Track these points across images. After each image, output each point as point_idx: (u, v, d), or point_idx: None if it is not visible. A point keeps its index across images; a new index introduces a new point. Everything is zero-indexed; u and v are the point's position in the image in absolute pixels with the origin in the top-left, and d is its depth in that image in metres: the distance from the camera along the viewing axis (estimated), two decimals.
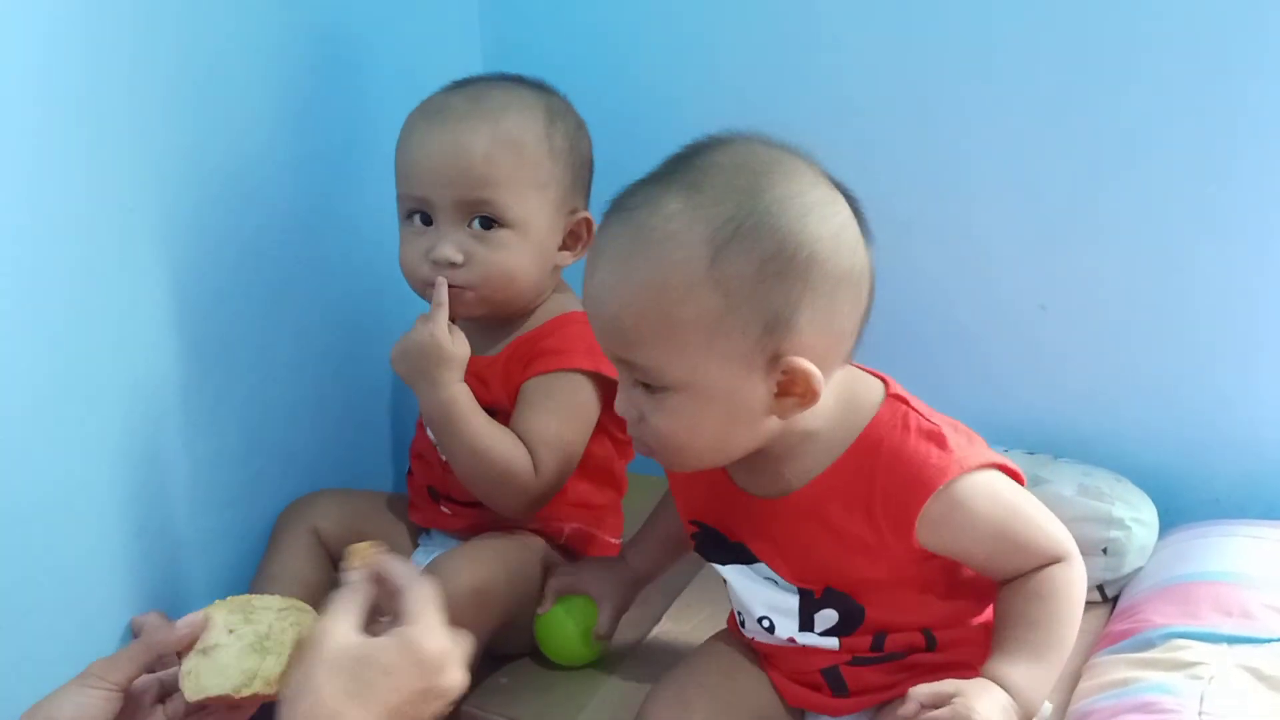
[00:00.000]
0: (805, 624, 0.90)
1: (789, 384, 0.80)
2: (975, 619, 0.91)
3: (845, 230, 0.81)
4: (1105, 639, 1.03)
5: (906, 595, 0.88)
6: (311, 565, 1.15)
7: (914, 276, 1.25)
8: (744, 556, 0.92)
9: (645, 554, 1.10)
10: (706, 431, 0.82)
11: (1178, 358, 1.21)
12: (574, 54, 1.37)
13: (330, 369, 1.27)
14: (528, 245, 1.07)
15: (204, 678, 0.83)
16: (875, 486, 0.84)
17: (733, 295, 0.78)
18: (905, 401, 0.87)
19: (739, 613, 0.96)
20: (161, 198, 1.04)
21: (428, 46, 1.33)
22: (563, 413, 1.08)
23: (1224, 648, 0.95)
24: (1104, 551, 1.12)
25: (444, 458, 1.14)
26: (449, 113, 1.06)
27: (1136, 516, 1.14)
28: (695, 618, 1.16)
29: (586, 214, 1.12)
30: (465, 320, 1.09)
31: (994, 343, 1.27)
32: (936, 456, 0.83)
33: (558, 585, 1.09)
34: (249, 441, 1.18)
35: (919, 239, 1.24)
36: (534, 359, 1.09)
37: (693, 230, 0.78)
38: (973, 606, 0.91)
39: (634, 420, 0.84)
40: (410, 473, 1.22)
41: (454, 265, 1.05)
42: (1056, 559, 0.86)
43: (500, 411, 1.09)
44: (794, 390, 0.81)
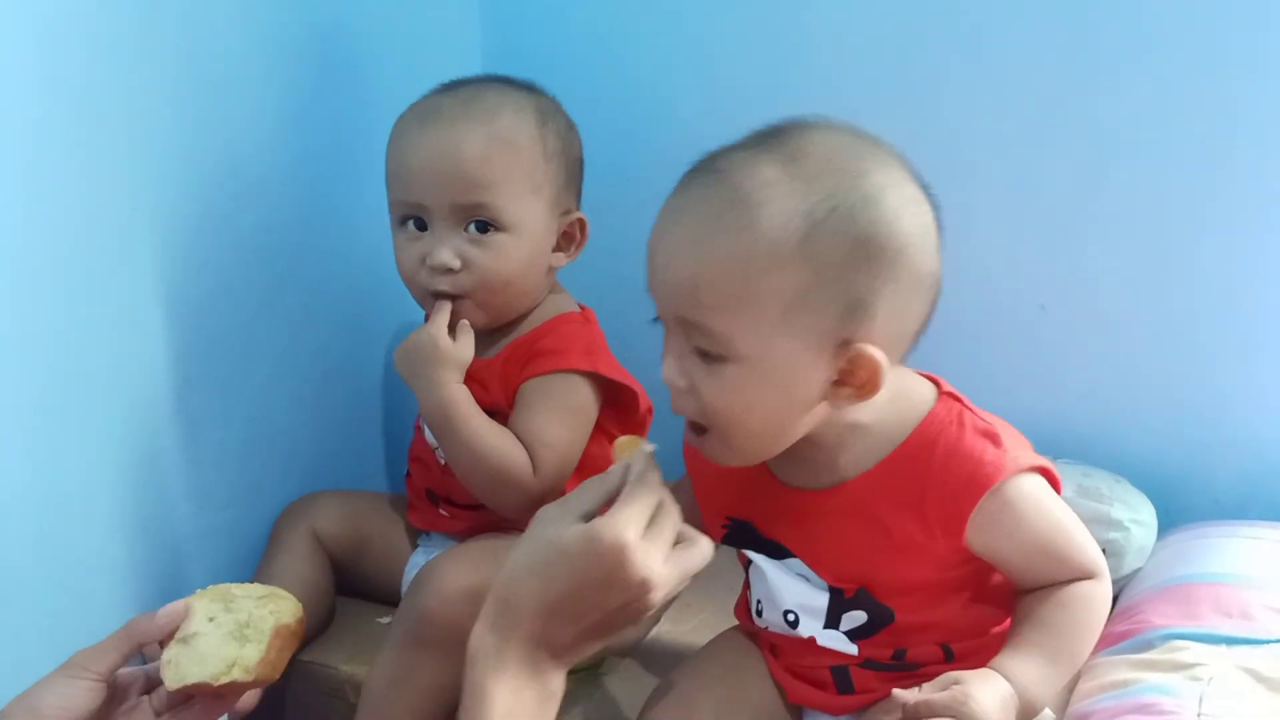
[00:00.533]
0: (831, 623, 0.90)
1: (850, 372, 0.79)
2: (995, 628, 0.91)
3: (930, 232, 0.81)
4: (1104, 640, 1.03)
5: (938, 599, 0.88)
6: (311, 566, 1.15)
7: None
8: (778, 553, 0.91)
9: None
10: (760, 410, 0.80)
11: (1177, 358, 1.22)
12: (574, 54, 1.37)
13: (329, 369, 1.27)
14: (524, 248, 1.07)
15: (184, 666, 0.84)
16: (929, 483, 0.83)
17: (820, 273, 0.76)
18: (959, 400, 0.87)
19: (759, 601, 0.94)
20: (161, 197, 1.04)
21: (428, 45, 1.33)
22: (561, 413, 1.08)
23: (1223, 649, 0.95)
24: (1103, 552, 1.11)
25: (443, 460, 1.14)
26: (441, 116, 1.05)
27: (1135, 517, 1.14)
28: (695, 618, 1.16)
29: (580, 214, 1.12)
30: None
31: (993, 343, 1.28)
32: (992, 454, 0.83)
33: None
34: (248, 441, 1.18)
35: None
36: (531, 360, 1.09)
37: (790, 201, 0.76)
38: (995, 615, 0.91)
39: (681, 390, 0.81)
40: (408, 475, 1.22)
41: (451, 271, 1.05)
42: (1088, 575, 0.87)
43: (499, 413, 1.09)
44: (854, 380, 0.80)
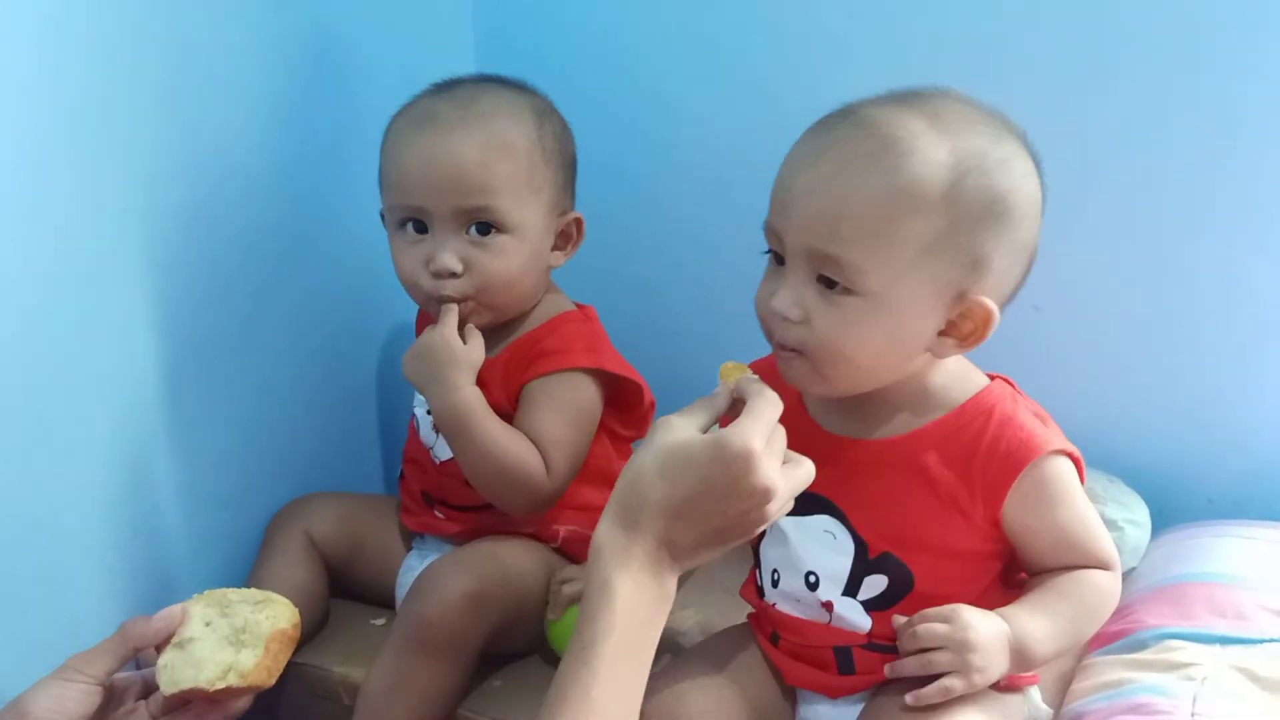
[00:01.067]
0: (850, 589, 0.90)
1: (958, 322, 0.84)
2: None
3: (1039, 204, 0.86)
4: (1099, 639, 1.03)
5: (957, 574, 0.89)
6: (304, 568, 1.14)
7: None
8: (810, 507, 0.91)
9: None
10: (873, 346, 0.83)
11: (1171, 359, 1.22)
12: (567, 52, 1.37)
13: (322, 370, 1.27)
14: (525, 249, 1.07)
15: (179, 671, 0.83)
16: (981, 444, 0.87)
17: (956, 223, 0.80)
18: (1011, 384, 0.92)
19: (774, 571, 0.95)
20: (153, 199, 1.04)
21: (420, 45, 1.33)
22: (569, 412, 1.09)
23: (1217, 648, 0.95)
24: None
25: (438, 461, 1.14)
26: (439, 120, 1.05)
27: (1130, 517, 1.14)
28: (693, 618, 1.16)
29: (577, 214, 1.12)
30: None
31: (988, 343, 1.27)
32: (1042, 431, 0.88)
33: (571, 592, 1.07)
34: (241, 444, 1.17)
35: None
36: (535, 360, 1.09)
37: (937, 152, 0.80)
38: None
39: (794, 319, 0.83)
40: (402, 477, 1.22)
41: (454, 274, 1.05)
42: (1104, 567, 0.90)
43: (500, 414, 1.09)
44: (958, 330, 0.84)
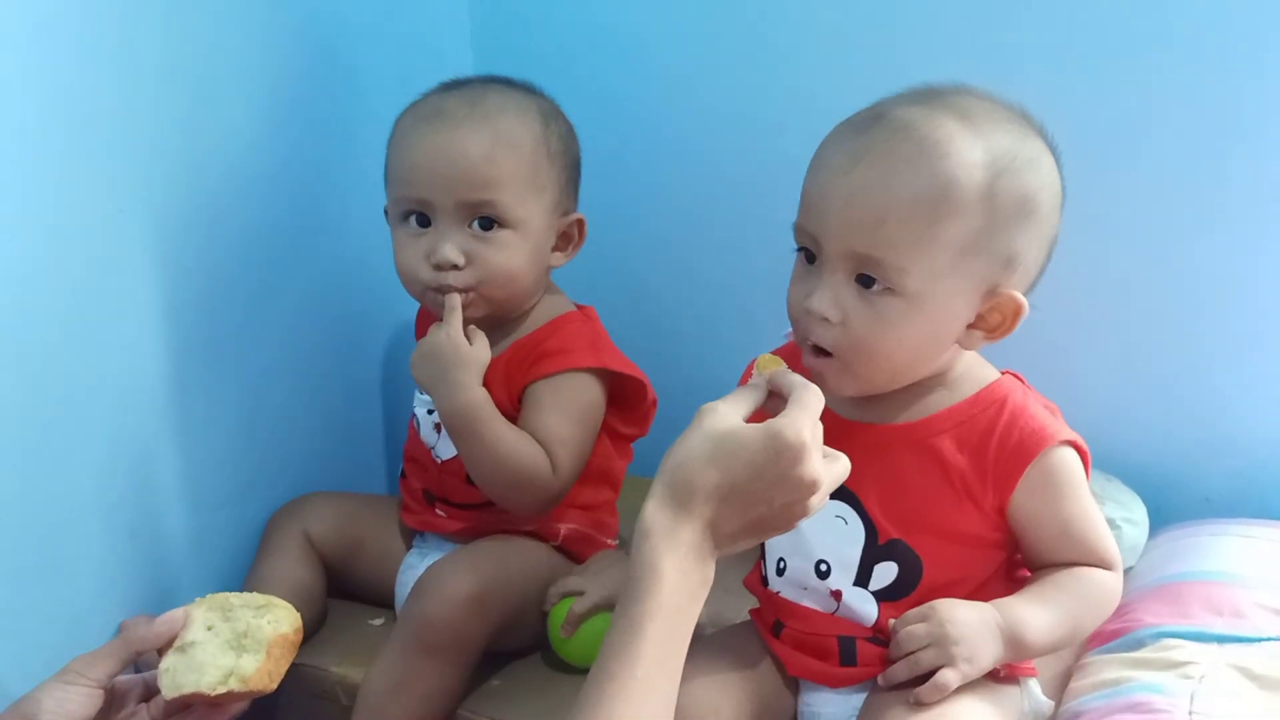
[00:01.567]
0: (862, 578, 0.91)
1: (986, 315, 0.86)
2: None
3: (1062, 198, 0.89)
4: (1097, 638, 1.03)
5: (966, 563, 0.90)
6: (303, 568, 1.14)
7: None
8: None
9: None
10: (910, 345, 0.85)
11: (1169, 357, 1.22)
12: (565, 54, 1.37)
13: (321, 370, 1.27)
14: (526, 245, 1.07)
15: (180, 675, 0.83)
16: (994, 433, 0.88)
17: (993, 221, 0.83)
18: (1020, 379, 0.94)
19: (781, 559, 0.95)
20: (151, 199, 1.04)
21: (418, 45, 1.33)
22: (574, 412, 1.09)
23: (1215, 647, 0.95)
24: None
25: (439, 460, 1.14)
26: (447, 115, 1.06)
27: (1128, 516, 1.14)
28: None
29: (579, 215, 1.12)
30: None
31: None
32: (1053, 421, 0.89)
33: (584, 609, 1.06)
34: (240, 443, 1.17)
35: None
36: (538, 361, 1.10)
37: (974, 151, 0.82)
38: None
39: (832, 320, 0.84)
40: (403, 475, 1.22)
41: (455, 267, 1.05)
42: (1105, 565, 0.91)
43: (503, 414, 1.09)
44: (988, 323, 0.87)
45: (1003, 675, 0.90)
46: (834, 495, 0.90)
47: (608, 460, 1.17)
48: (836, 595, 0.92)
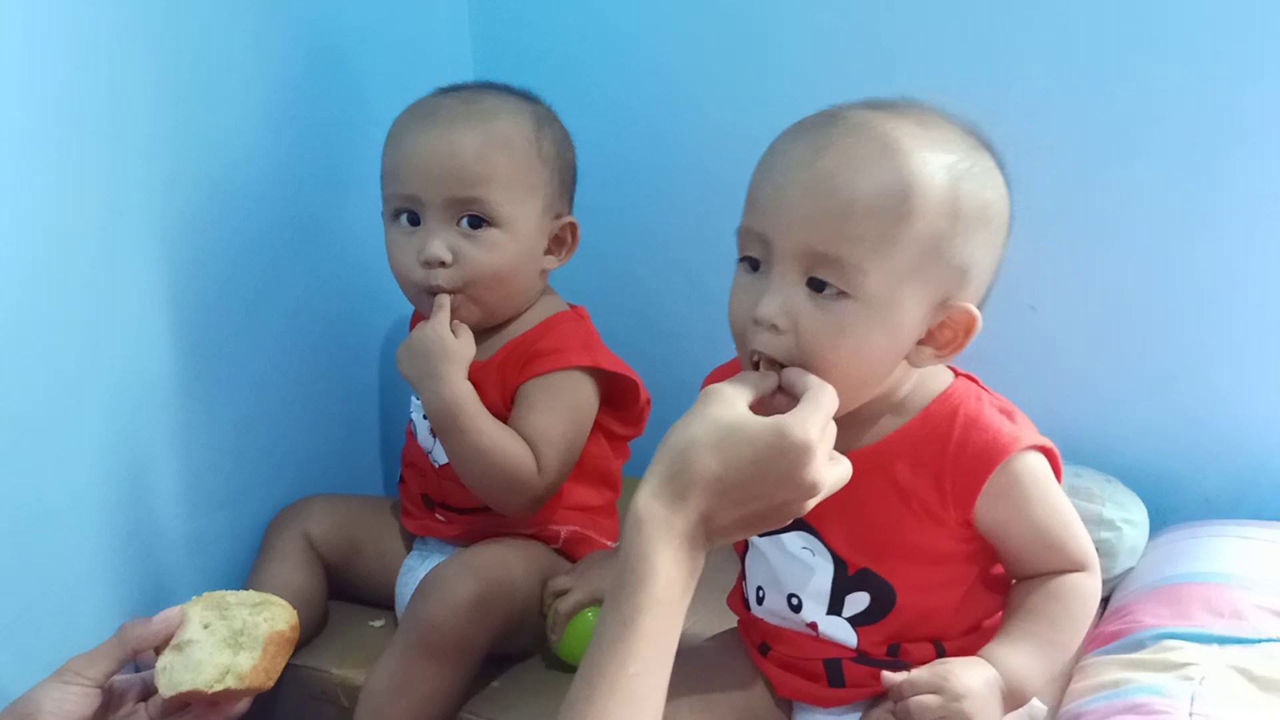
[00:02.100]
0: (834, 606, 0.90)
1: (936, 331, 0.82)
2: (986, 621, 0.91)
3: (1010, 222, 0.85)
4: (1096, 640, 1.03)
5: (939, 582, 0.89)
6: (303, 570, 1.15)
7: None
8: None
9: None
10: (866, 355, 0.80)
11: (1167, 358, 1.22)
12: (563, 57, 1.37)
13: (320, 372, 1.27)
14: (516, 245, 1.08)
15: (177, 673, 0.83)
16: (948, 449, 0.85)
17: (956, 225, 0.79)
18: (975, 380, 0.90)
19: (760, 588, 0.94)
20: (150, 201, 1.04)
21: (417, 47, 1.33)
22: (564, 411, 1.09)
23: (1215, 648, 0.96)
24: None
25: (437, 464, 1.14)
26: (441, 114, 1.07)
27: (1127, 517, 1.14)
28: (689, 619, 1.15)
29: (571, 218, 1.13)
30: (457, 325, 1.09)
31: (983, 344, 1.27)
32: (1009, 427, 0.85)
33: (567, 608, 1.06)
34: (239, 445, 1.17)
35: None
36: (531, 360, 1.10)
37: (934, 154, 0.79)
38: (988, 614, 0.91)
39: (781, 327, 0.79)
40: (402, 480, 1.22)
41: (444, 264, 1.06)
42: (1081, 567, 0.88)
43: (496, 416, 1.09)
44: (938, 339, 0.82)
45: None
46: (795, 527, 0.89)
47: (604, 460, 1.17)
48: (812, 626, 0.91)
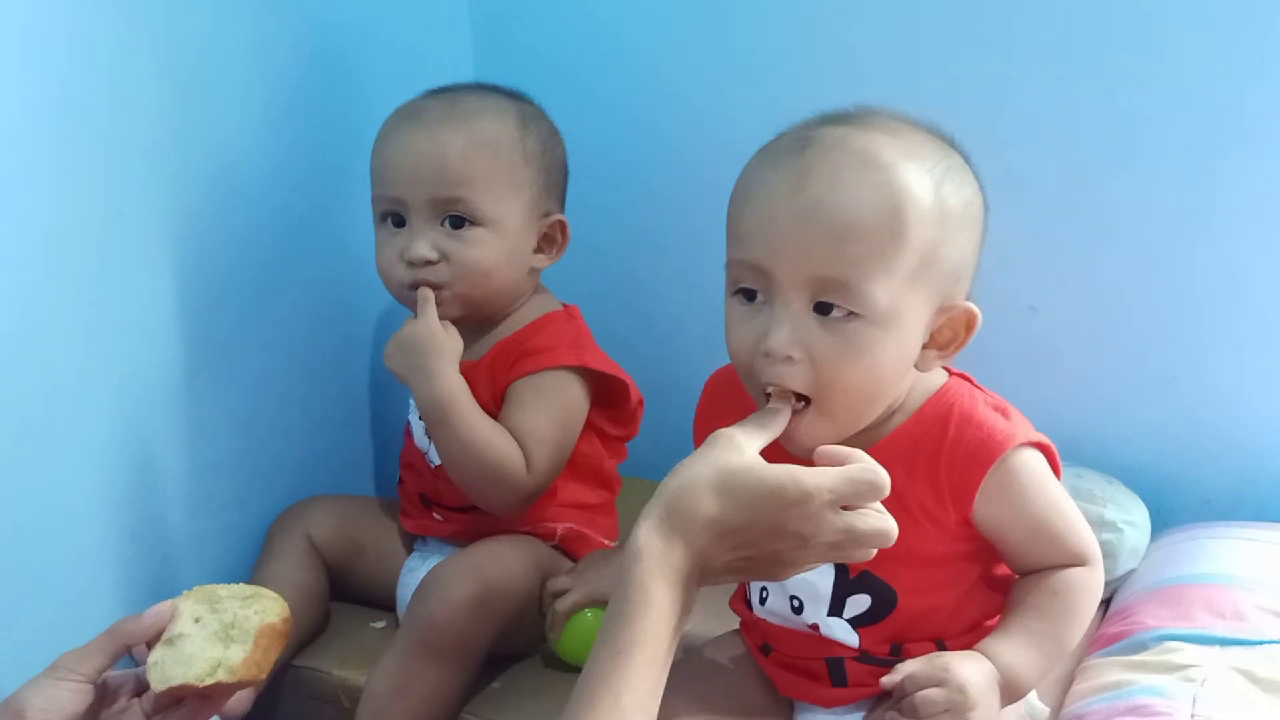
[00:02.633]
0: (835, 608, 0.90)
1: (939, 331, 0.82)
2: (989, 621, 0.91)
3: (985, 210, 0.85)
4: (1098, 641, 1.03)
5: (940, 582, 0.89)
6: (305, 571, 1.15)
7: None
8: None
9: None
10: (881, 372, 0.79)
11: (1168, 359, 1.22)
12: (563, 59, 1.37)
13: (321, 372, 1.27)
14: (501, 243, 1.08)
15: (169, 668, 0.83)
16: (943, 450, 0.85)
17: (947, 228, 0.79)
18: (968, 379, 0.90)
19: (764, 589, 0.94)
20: (151, 202, 1.04)
21: (418, 48, 1.33)
22: (553, 410, 1.09)
23: (1216, 650, 0.96)
24: None
25: (434, 464, 1.14)
26: (424, 115, 1.08)
27: (1128, 519, 1.14)
28: (690, 620, 1.15)
29: (560, 217, 1.12)
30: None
31: (983, 344, 1.26)
32: (1003, 425, 0.85)
33: (564, 608, 1.06)
34: (240, 446, 1.17)
35: None
36: (520, 359, 1.10)
37: (912, 163, 0.79)
38: (989, 613, 0.91)
39: (796, 358, 0.78)
40: (401, 481, 1.22)
41: (429, 263, 1.06)
42: (1081, 561, 0.88)
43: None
44: (939, 340, 0.82)
45: None
46: None
47: (598, 460, 1.17)
48: (814, 627, 0.91)
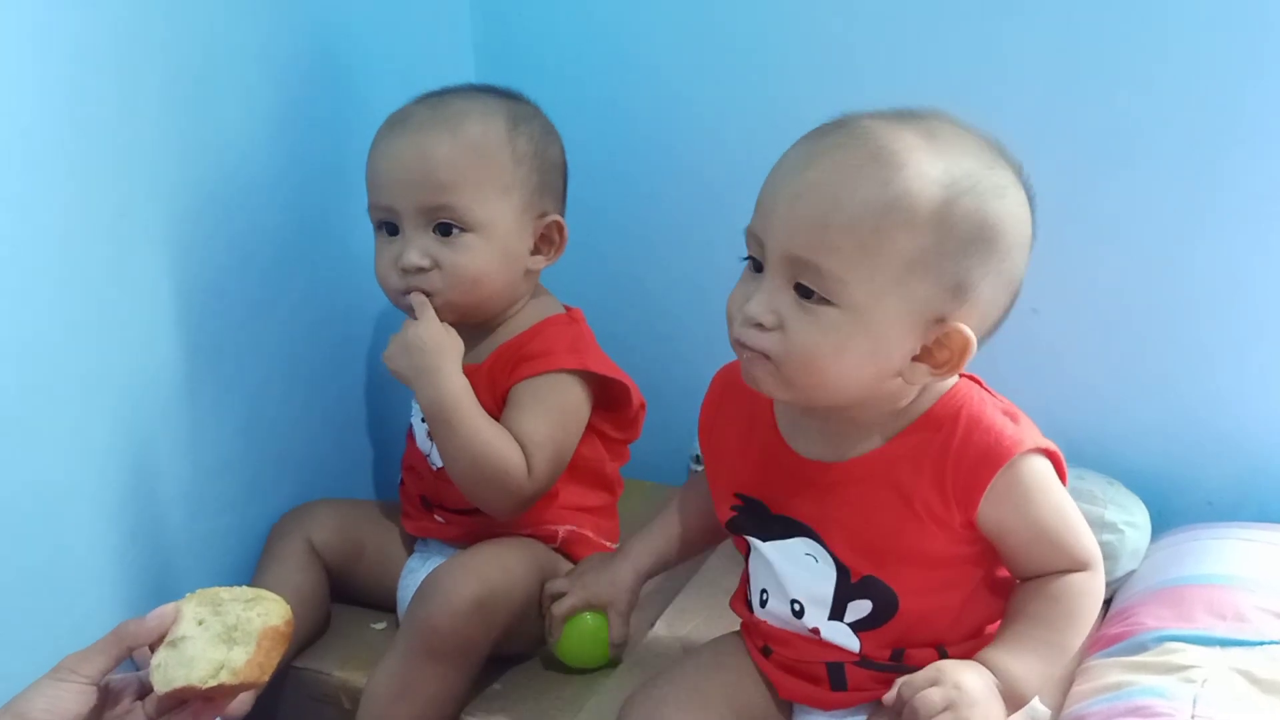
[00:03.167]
0: (836, 612, 0.90)
1: (933, 349, 0.82)
2: (990, 626, 0.91)
3: (1030, 238, 0.85)
4: (1099, 642, 1.03)
5: (943, 585, 0.89)
6: (306, 574, 1.15)
7: None
8: (787, 530, 0.91)
9: (651, 547, 1.07)
10: (846, 361, 0.81)
11: (1169, 360, 1.22)
12: (564, 53, 1.37)
13: (323, 375, 1.27)
14: (493, 248, 1.07)
15: (171, 670, 0.83)
16: (950, 451, 0.85)
17: (944, 243, 0.79)
18: (978, 381, 0.90)
19: (764, 591, 0.95)
20: (154, 204, 1.04)
21: (419, 50, 1.33)
22: (553, 414, 1.08)
23: (1217, 650, 0.95)
24: None
25: (435, 467, 1.14)
26: (411, 122, 1.07)
27: (1129, 520, 1.14)
28: (691, 621, 1.16)
29: (557, 217, 1.12)
30: None
31: (985, 346, 1.28)
32: (1012, 429, 0.85)
33: (563, 610, 1.06)
34: (241, 448, 1.17)
35: None
36: (520, 363, 1.09)
37: (933, 168, 0.79)
38: (991, 619, 0.91)
39: (768, 325, 0.81)
40: (402, 483, 1.22)
41: (421, 270, 1.06)
42: (1083, 567, 0.88)
43: None
44: (935, 358, 0.82)
45: None
46: (799, 533, 0.90)
47: (599, 463, 1.17)
48: (815, 631, 0.92)
